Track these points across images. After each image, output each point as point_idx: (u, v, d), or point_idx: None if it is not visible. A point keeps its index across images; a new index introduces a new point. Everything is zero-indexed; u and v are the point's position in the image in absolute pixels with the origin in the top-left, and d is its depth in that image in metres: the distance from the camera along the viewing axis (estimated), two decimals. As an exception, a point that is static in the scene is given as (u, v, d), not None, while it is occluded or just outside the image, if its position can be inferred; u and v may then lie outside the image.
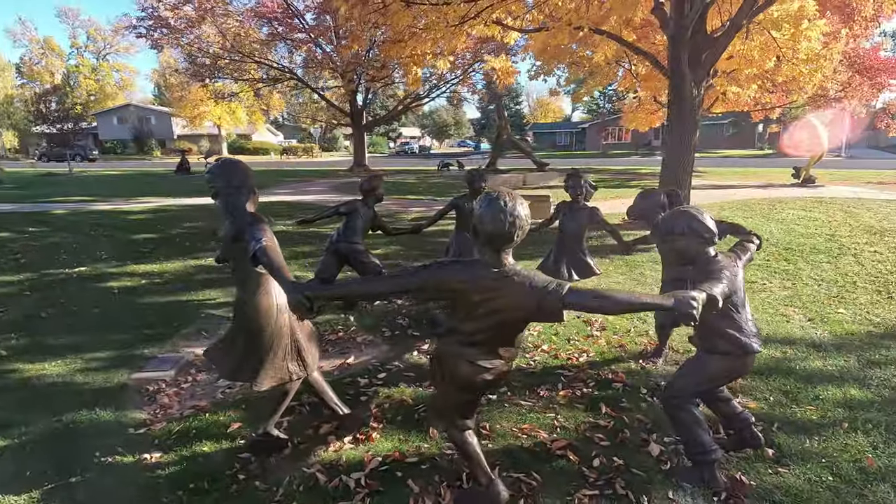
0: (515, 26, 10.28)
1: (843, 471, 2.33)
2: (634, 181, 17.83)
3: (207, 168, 2.40)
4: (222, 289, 5.29)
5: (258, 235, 2.10)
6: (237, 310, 2.38)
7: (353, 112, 22.37)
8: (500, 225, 1.71)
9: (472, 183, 4.75)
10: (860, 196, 12.58)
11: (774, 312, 4.44)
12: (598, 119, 48.39)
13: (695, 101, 7.86)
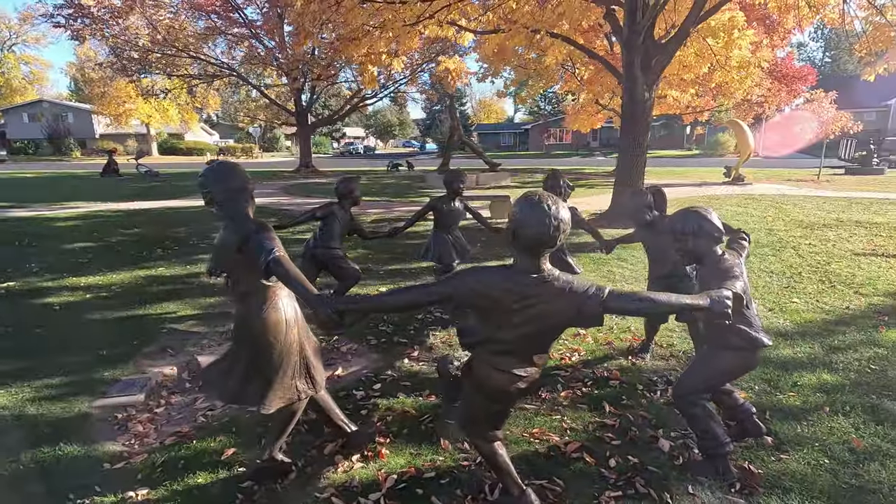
0: (470, 27, 10.34)
1: (836, 453, 2.48)
2: (583, 181, 18.45)
3: (201, 172, 2.18)
4: (182, 301, 4.90)
5: (269, 245, 1.93)
6: (239, 326, 2.18)
7: (298, 111, 21.62)
8: (545, 229, 1.65)
9: (450, 184, 4.69)
10: (784, 193, 13.71)
11: (738, 304, 4.71)
12: (540, 120, 49.76)
13: (647, 104, 8.23)
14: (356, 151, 53.72)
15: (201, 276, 5.78)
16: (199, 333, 4.18)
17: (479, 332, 1.88)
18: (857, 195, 12.64)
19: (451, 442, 2.58)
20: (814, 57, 53.96)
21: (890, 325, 4.08)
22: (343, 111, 23.69)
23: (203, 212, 11.73)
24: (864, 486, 2.25)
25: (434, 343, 3.90)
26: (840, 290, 5.03)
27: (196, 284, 5.49)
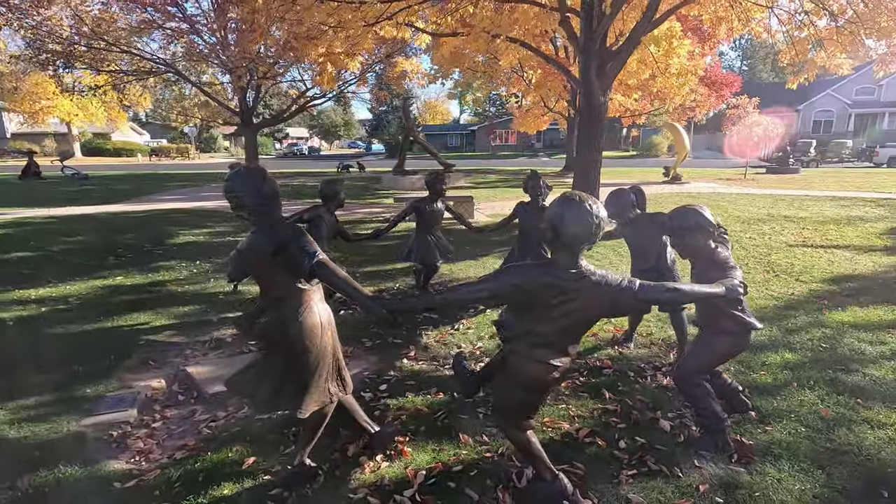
0: (427, 30, 10.42)
1: (810, 422, 2.79)
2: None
3: (226, 177, 2.12)
4: (153, 311, 4.66)
5: (311, 249, 1.94)
6: (270, 332, 2.14)
7: (242, 111, 20.77)
8: (588, 227, 1.78)
9: (432, 185, 4.77)
10: (717, 191, 14.82)
11: (700, 294, 5.11)
12: (485, 122, 50.62)
13: (602, 108, 8.65)
14: (300, 152, 52.29)
15: (168, 285, 5.50)
16: (179, 344, 4.00)
17: (517, 326, 1.98)
18: (781, 192, 13.89)
19: (470, 435, 2.67)
20: (733, 65, 58.37)
21: (831, 308, 4.58)
22: (290, 111, 23.00)
23: (152, 216, 11.02)
24: (837, 449, 2.55)
25: (429, 343, 3.96)
26: (783, 279, 5.57)
27: (164, 293, 5.22)
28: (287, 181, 19.61)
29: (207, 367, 3.51)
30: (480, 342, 3.96)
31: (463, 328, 4.22)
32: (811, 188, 15.16)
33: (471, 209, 9.80)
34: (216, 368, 3.49)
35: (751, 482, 2.31)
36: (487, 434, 2.70)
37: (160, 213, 10.87)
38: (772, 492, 2.24)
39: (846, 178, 18.72)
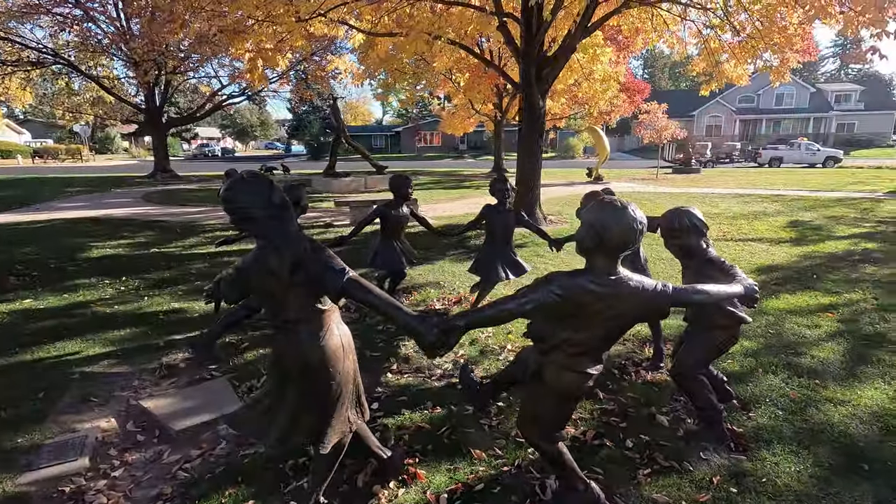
0: (363, 28, 10.14)
1: (784, 405, 3.02)
2: (468, 182, 19.24)
3: (225, 187, 1.85)
4: (81, 338, 4.06)
5: (339, 265, 1.74)
6: (282, 359, 1.90)
7: (150, 108, 18.99)
8: (632, 233, 1.76)
9: (399, 189, 4.61)
10: (636, 189, 15.92)
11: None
12: (409, 123, 50.55)
13: (541, 111, 8.92)
14: (212, 153, 49.01)
15: (93, 306, 4.82)
16: (123, 374, 3.50)
17: (553, 336, 1.92)
18: (691, 190, 15.20)
19: (482, 450, 2.57)
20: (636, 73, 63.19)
21: (767, 297, 5.03)
22: (203, 109, 21.41)
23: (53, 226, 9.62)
24: (813, 429, 2.78)
25: (408, 353, 3.80)
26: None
27: (90, 316, 4.57)
28: (206, 185, 18.21)
29: (166, 400, 3.10)
30: (462, 349, 3.87)
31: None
32: (713, 186, 16.74)
33: (415, 212, 9.66)
34: (177, 400, 3.10)
35: (753, 468, 2.44)
36: (498, 446, 2.62)
37: (63, 224, 9.60)
38: (774, 476, 2.38)
39: (739, 176, 20.93)
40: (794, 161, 27.75)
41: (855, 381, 3.29)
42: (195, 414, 2.92)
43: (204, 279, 5.73)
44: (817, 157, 27.33)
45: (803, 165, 27.33)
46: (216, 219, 10.18)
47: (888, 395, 3.11)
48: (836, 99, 41.35)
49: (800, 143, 28.52)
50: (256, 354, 3.75)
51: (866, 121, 40.45)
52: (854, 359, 3.63)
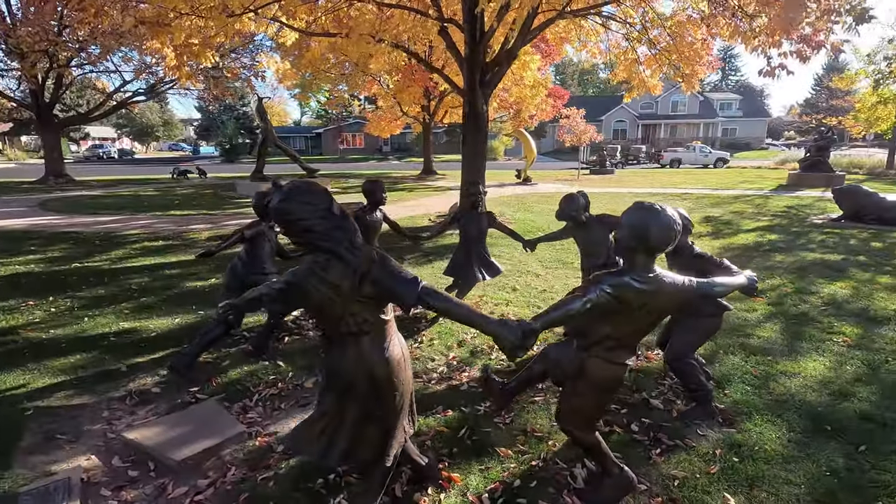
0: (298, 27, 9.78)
1: (749, 381, 3.41)
2: (400, 185, 19.16)
3: (274, 193, 1.75)
4: (24, 369, 3.57)
5: (409, 274, 1.72)
6: (344, 374, 1.83)
7: (39, 105, 16.83)
8: (672, 234, 1.92)
9: (372, 194, 4.57)
10: (562, 190, 16.82)
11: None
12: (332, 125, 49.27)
13: (485, 115, 9.16)
14: (107, 155, 44.43)
15: (22, 332, 4.24)
16: (88, 406, 3.14)
17: (595, 332, 2.05)
18: (611, 190, 16.37)
19: (507, 447, 2.65)
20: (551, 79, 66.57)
21: (706, 286, 5.59)
22: (105, 107, 19.35)
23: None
24: (779, 399, 3.17)
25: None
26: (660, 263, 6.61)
27: (23, 344, 4.01)
28: (112, 191, 16.51)
29: (153, 429, 2.83)
30: (451, 352, 3.91)
31: (426, 340, 4.12)
32: (628, 186, 18.14)
33: (361, 216, 9.48)
34: (166, 428, 2.84)
35: (744, 439, 2.74)
36: (520, 442, 2.71)
37: (-54, 239, 8.25)
38: (762, 443, 2.69)
39: (648, 176, 22.85)
40: (690, 162, 30.76)
41: (798, 356, 3.80)
42: (193, 441, 2.70)
43: (149, 294, 5.25)
44: (709, 159, 30.52)
45: (698, 166, 30.38)
46: (138, 229, 9.30)
47: (826, 366, 3.63)
48: (720, 106, 46.48)
49: (695, 146, 31.72)
50: (241, 372, 3.53)
51: (745, 126, 45.93)
52: (791, 336, 4.17)
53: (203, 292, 5.40)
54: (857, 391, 3.25)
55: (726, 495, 2.30)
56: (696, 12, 10.10)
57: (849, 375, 3.47)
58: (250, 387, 3.33)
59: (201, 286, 5.63)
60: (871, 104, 12.46)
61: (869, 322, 4.45)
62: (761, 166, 28.52)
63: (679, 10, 10.52)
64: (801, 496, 2.30)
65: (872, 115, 12.59)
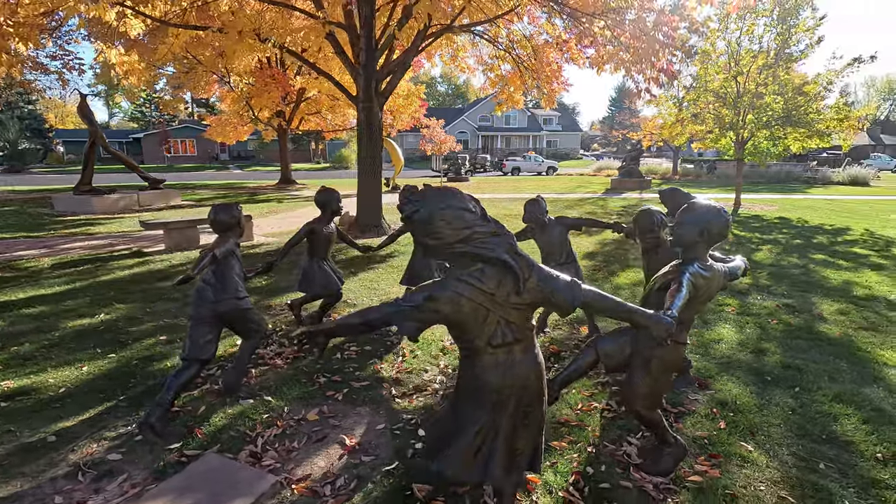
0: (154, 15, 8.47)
1: (697, 350, 4.07)
2: (263, 195, 17.72)
3: (417, 203, 1.58)
4: None
5: (565, 277, 1.74)
6: (497, 383, 1.75)
7: None
8: (727, 229, 2.27)
9: (329, 203, 4.30)
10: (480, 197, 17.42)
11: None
12: (155, 129, 43.04)
13: (381, 123, 9.08)
14: None
15: None
16: (25, 496, 2.36)
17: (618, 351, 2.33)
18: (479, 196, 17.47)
19: (559, 440, 2.76)
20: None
21: (607, 276, 6.43)
22: None
23: None
24: (723, 363, 3.86)
25: (397, 376, 3.60)
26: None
27: None
28: None
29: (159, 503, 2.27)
30: (440, 360, 3.87)
31: (408, 353, 3.99)
32: (486, 192, 19.57)
33: (249, 230, 8.59)
34: (174, 498, 2.30)
35: (724, 397, 3.29)
36: (565, 432, 2.84)
37: None
38: (736, 398, 3.27)
39: (499, 183, 24.97)
40: (527, 170, 34.43)
41: (712, 326, 4.64)
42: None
43: (20, 342, 4.06)
44: (542, 167, 34.54)
45: (534, 173, 34.16)
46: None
47: (735, 331, 4.51)
48: (544, 121, 52.91)
49: (530, 156, 35.59)
50: (226, 417, 3.00)
51: (564, 139, 53.05)
52: (697, 311, 5.07)
53: (97, 331, 4.38)
54: (766, 347, 4.13)
55: (742, 444, 2.76)
56: (551, 37, 11.42)
57: (755, 336, 4.38)
58: (247, 431, 2.86)
59: (90, 323, 4.55)
60: (672, 122, 15.46)
61: (737, 294, 5.62)
62: (583, 174, 33.27)
63: (536, 34, 11.76)
64: (786, 434, 2.88)
65: (674, 131, 15.64)
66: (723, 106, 13.83)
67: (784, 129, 13.66)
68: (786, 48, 13.43)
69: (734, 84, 13.56)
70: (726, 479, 2.46)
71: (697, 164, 31.18)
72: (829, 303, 5.30)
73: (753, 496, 2.34)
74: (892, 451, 2.69)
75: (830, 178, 25.03)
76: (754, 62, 13.29)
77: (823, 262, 7.25)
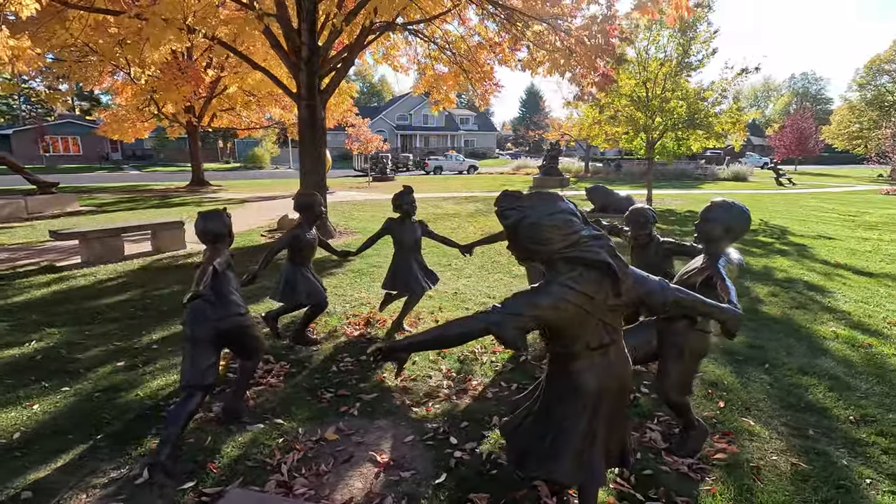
0: None
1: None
2: (175, 198, 16.21)
3: (523, 209, 1.54)
4: None
5: (654, 276, 1.80)
6: (594, 385, 1.77)
7: None
8: (749, 226, 2.48)
9: (311, 207, 4.09)
10: (356, 197, 17.07)
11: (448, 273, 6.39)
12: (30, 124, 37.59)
13: (323, 122, 8.70)
14: None
15: None
16: None
17: None
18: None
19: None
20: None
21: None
22: None
23: None
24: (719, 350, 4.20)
25: (405, 385, 3.48)
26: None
27: None
28: None
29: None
30: (440, 365, 3.81)
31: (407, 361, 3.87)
32: (417, 192, 19.57)
33: (181, 237, 7.83)
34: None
35: (713, 378, 3.58)
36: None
37: None
38: (721, 378, 3.58)
39: (425, 182, 25.04)
40: (449, 169, 34.88)
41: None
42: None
43: None
44: (463, 166, 35.19)
45: (455, 172, 34.69)
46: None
47: (695, 316, 4.92)
48: (461, 121, 53.89)
49: (452, 155, 36.09)
50: (237, 446, 2.71)
51: (481, 138, 54.45)
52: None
53: (34, 361, 3.76)
54: (727, 330, 4.56)
55: (744, 419, 3.04)
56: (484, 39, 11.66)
57: (714, 320, 4.82)
58: (265, 459, 2.61)
59: (22, 353, 3.88)
60: (590, 123, 16.51)
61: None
62: (503, 172, 34.39)
63: (468, 35, 11.93)
64: (773, 406, 3.20)
65: (591, 132, 16.71)
66: (637, 109, 15.02)
67: (687, 131, 15.18)
68: (685, 58, 14.91)
69: (644, 89, 14.77)
70: (744, 453, 2.69)
71: (605, 162, 33.57)
72: (759, 286, 5.97)
73: (772, 466, 2.59)
74: (860, 414, 3.11)
75: (717, 174, 28.22)
76: (661, 69, 14.59)
77: (740, 250, 8.16)
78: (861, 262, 7.35)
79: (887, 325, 4.68)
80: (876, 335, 4.43)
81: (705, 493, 2.37)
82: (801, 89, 60.69)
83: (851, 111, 39.52)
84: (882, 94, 38.81)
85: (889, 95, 38.32)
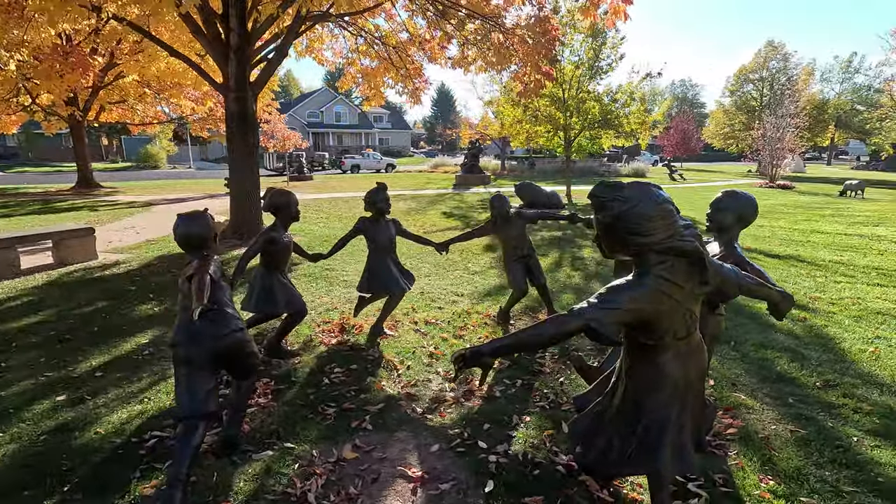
0: None
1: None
2: (61, 201, 14.15)
3: (616, 201, 1.49)
4: None
5: (727, 264, 1.84)
6: (680, 374, 1.78)
7: None
8: (757, 215, 2.65)
9: (287, 207, 3.78)
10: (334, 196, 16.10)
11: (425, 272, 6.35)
12: None
13: (255, 115, 8.05)
14: None
15: None
16: None
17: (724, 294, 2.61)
18: (323, 196, 16.76)
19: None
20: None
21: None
22: None
23: None
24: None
25: (406, 392, 3.30)
26: (477, 258, 7.61)
27: None
28: None
29: None
30: (436, 367, 3.67)
31: (402, 366, 3.69)
32: (338, 191, 18.58)
33: (91, 246, 6.80)
34: None
35: (690, 359, 3.83)
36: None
37: None
38: (700, 358, 3.84)
39: (343, 180, 24.27)
40: (367, 167, 34.14)
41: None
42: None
43: None
44: (381, 164, 34.66)
45: (373, 171, 34.06)
46: None
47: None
48: (374, 119, 53.08)
49: (369, 154, 35.42)
50: (250, 476, 2.37)
51: (395, 137, 54.07)
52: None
53: None
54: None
55: (735, 395, 3.27)
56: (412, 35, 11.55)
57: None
58: (286, 490, 2.32)
59: (-80, 398, 3.12)
60: (511, 122, 17.07)
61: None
62: (422, 170, 34.40)
63: (397, 29, 11.74)
64: (753, 380, 3.49)
65: (513, 130, 17.29)
66: (556, 109, 15.77)
67: (601, 131, 16.25)
68: (597, 62, 15.94)
69: (560, 91, 15.53)
70: (749, 426, 2.90)
71: (520, 160, 34.91)
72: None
73: (776, 435, 2.81)
74: (823, 380, 3.49)
75: (619, 171, 30.59)
76: (575, 72, 15.46)
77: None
78: (766, 245, 8.34)
79: (810, 300, 5.33)
80: (805, 309, 5.03)
81: (735, 467, 2.51)
82: (680, 94, 67.87)
83: (725, 114, 44.87)
84: (747, 99, 44.56)
85: (753, 101, 44.06)
